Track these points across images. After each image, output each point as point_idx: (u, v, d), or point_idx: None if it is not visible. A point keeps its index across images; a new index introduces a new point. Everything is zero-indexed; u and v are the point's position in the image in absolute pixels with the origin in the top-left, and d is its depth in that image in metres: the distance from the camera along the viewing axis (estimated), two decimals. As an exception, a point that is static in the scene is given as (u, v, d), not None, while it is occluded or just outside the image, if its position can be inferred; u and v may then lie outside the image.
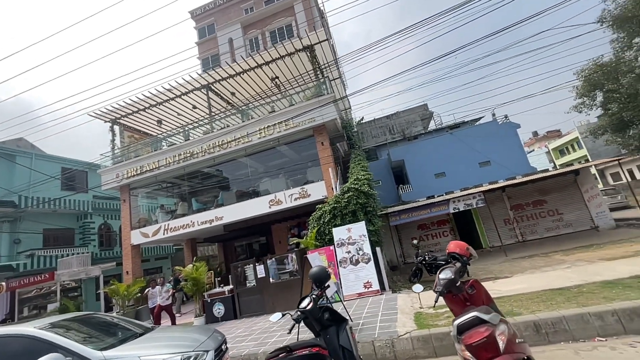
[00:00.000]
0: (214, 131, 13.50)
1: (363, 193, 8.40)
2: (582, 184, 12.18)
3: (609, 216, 11.71)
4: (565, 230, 12.09)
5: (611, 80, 19.19)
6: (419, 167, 20.30)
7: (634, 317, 3.33)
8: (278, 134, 12.29)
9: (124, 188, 14.05)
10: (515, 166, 18.12)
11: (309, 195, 11.75)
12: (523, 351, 2.05)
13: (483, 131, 19.59)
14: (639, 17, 17.07)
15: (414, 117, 29.05)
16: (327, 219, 8.31)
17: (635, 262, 5.29)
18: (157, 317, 7.20)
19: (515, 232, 12.63)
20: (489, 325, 2.09)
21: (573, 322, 3.47)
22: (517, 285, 5.28)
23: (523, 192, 12.75)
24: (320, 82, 12.74)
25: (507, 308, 4.25)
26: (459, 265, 3.06)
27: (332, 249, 7.55)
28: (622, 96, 18.42)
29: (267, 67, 13.78)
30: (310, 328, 3.24)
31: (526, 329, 3.59)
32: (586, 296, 4.06)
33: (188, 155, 13.19)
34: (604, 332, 3.37)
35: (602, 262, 6.27)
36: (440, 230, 13.56)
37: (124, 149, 14.66)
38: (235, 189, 14.00)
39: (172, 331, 4.31)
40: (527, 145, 56.19)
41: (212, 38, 25.35)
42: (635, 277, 4.43)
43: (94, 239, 16.34)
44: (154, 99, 14.19)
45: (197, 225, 12.83)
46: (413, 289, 3.28)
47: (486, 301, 3.03)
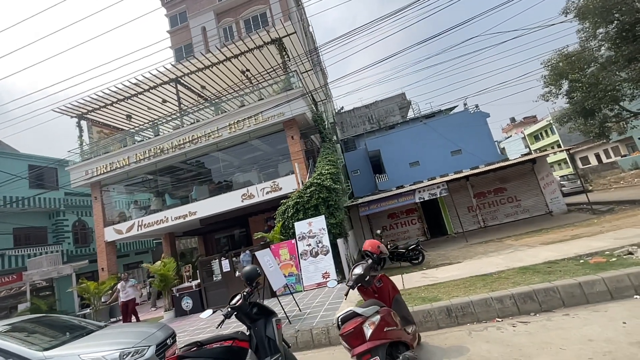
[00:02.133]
0: (184, 126, 13.41)
1: (325, 188, 8.71)
2: (538, 171, 12.92)
3: (561, 201, 12.54)
4: (522, 216, 12.89)
5: (575, 70, 19.94)
6: (394, 156, 20.80)
7: (527, 300, 3.82)
8: (248, 129, 12.36)
9: (94, 185, 13.88)
10: (485, 154, 18.88)
11: (280, 189, 11.98)
12: (389, 337, 2.43)
13: (455, 121, 20.16)
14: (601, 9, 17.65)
15: (393, 106, 29.41)
16: (290, 213, 8.63)
17: (559, 248, 5.87)
18: (124, 313, 7.42)
19: (477, 218, 13.36)
20: (361, 318, 2.45)
21: (478, 306, 3.95)
22: (454, 272, 5.79)
23: (485, 180, 13.41)
24: (289, 75, 12.77)
25: (434, 294, 4.72)
26: (370, 262, 3.44)
27: (293, 243, 7.92)
28: (584, 85, 19.22)
29: (237, 60, 13.66)
30: (241, 321, 3.59)
31: (440, 313, 4.05)
32: (500, 281, 4.57)
33: (158, 151, 13.11)
34: (502, 313, 3.86)
35: (538, 247, 6.87)
36: (409, 219, 14.16)
37: (93, 146, 14.38)
38: (209, 183, 14.08)
39: (121, 328, 4.58)
40: (505, 131, 57.81)
41: (184, 27, 24.55)
42: (547, 263, 4.98)
43: (68, 237, 16.15)
44: (122, 93, 13.87)
45: (171, 221, 12.91)
46: (327, 285, 3.64)
47: (392, 292, 3.45)
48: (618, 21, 17.82)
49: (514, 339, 3.08)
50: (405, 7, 7.81)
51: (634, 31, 17.22)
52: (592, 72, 19.44)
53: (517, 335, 3.16)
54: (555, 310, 3.64)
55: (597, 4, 17.77)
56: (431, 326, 4.02)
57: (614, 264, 4.22)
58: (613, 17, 17.78)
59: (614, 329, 2.79)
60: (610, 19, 18.29)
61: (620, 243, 5.04)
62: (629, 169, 28.45)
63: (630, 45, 17.79)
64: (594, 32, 19.53)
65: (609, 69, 18.98)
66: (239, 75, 14.79)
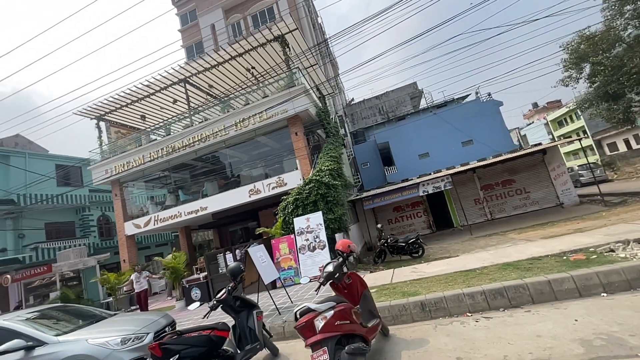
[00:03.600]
0: (193, 125, 13.97)
1: (324, 184, 8.97)
2: (549, 162, 12.52)
3: (573, 193, 12.14)
4: (531, 208, 12.61)
5: (597, 52, 18.83)
6: (403, 148, 20.63)
7: (497, 296, 3.96)
8: (253, 126, 12.72)
9: (114, 183, 14.82)
10: (498, 144, 18.37)
11: (285, 184, 12.31)
12: (340, 330, 2.69)
13: (466, 110, 19.65)
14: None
15: (404, 96, 28.88)
16: (290, 209, 8.97)
17: (548, 244, 5.85)
18: (139, 302, 8.13)
19: (485, 211, 13.19)
20: (314, 312, 2.73)
21: (451, 301, 4.13)
22: (441, 267, 5.93)
23: (493, 172, 13.16)
24: (292, 72, 12.93)
25: (415, 289, 4.92)
26: (340, 260, 3.70)
27: (292, 237, 8.28)
28: (607, 68, 18.14)
29: (242, 59, 13.96)
30: (227, 313, 3.99)
31: (415, 307, 4.27)
32: (479, 277, 4.70)
33: (170, 150, 13.77)
34: (473, 309, 4.02)
35: (530, 242, 6.86)
36: (415, 212, 14.18)
37: (111, 145, 15.28)
38: (218, 179, 14.66)
39: (127, 316, 5.12)
40: (527, 117, 55.25)
41: (194, 25, 25.07)
42: (530, 259, 5.03)
43: (93, 231, 17.43)
44: (136, 95, 14.58)
45: (184, 216, 13.64)
46: (301, 282, 3.93)
47: (360, 289, 3.70)
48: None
49: (472, 333, 3.27)
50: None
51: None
52: (617, 53, 18.28)
53: (477, 329, 3.34)
54: (523, 306, 3.77)
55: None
56: (406, 319, 4.25)
57: (592, 261, 4.25)
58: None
59: (563, 326, 2.92)
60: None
61: (609, 239, 5.00)
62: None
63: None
64: (621, 9, 18.29)
65: (636, 49, 17.77)
66: (244, 73, 15.11)
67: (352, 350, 2.56)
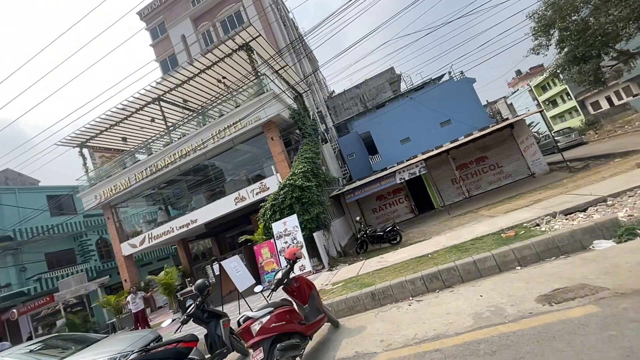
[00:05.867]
0: (173, 142, 14.32)
1: (297, 187, 9.42)
2: (517, 135, 12.96)
3: (543, 162, 12.62)
4: (505, 182, 13.11)
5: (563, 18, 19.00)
6: (384, 136, 21.01)
7: (433, 280, 4.47)
8: (230, 136, 13.07)
9: (105, 207, 15.26)
10: (475, 120, 18.76)
11: (268, 189, 12.76)
12: (276, 331, 3.19)
13: (441, 91, 19.95)
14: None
15: (383, 82, 29.04)
16: (269, 215, 9.46)
17: (494, 222, 6.31)
18: (136, 322, 8.67)
19: (462, 189, 13.69)
20: (252, 319, 3.24)
21: (396, 288, 4.64)
22: (402, 255, 6.44)
23: (466, 151, 13.61)
24: (261, 79, 13.21)
25: (373, 279, 5.44)
26: (288, 268, 4.19)
27: (272, 242, 8.79)
28: (573, 33, 18.35)
29: (213, 70, 14.21)
30: (198, 324, 4.52)
31: (366, 297, 4.78)
32: (427, 262, 5.21)
33: (154, 169, 14.16)
34: (415, 293, 4.53)
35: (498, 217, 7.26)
36: (397, 198, 14.68)
37: (97, 170, 15.66)
38: (205, 191, 15.10)
39: (117, 337, 5.65)
40: (511, 86, 55.33)
41: (165, 38, 25.07)
42: (474, 239, 5.52)
43: (93, 255, 17.98)
44: (113, 118, 14.89)
45: (176, 230, 14.13)
46: (255, 290, 4.44)
47: (307, 290, 4.20)
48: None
49: (401, 317, 3.79)
50: None
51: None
52: (580, 17, 18.46)
53: (406, 313, 3.86)
54: (453, 286, 4.28)
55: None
56: (360, 309, 4.77)
57: (519, 237, 4.75)
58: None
59: (470, 302, 3.43)
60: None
61: (541, 213, 5.49)
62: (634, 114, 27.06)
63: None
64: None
65: (602, 9, 17.96)
66: (216, 85, 15.38)
67: (283, 347, 3.06)
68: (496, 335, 2.56)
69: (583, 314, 2.40)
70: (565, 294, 2.84)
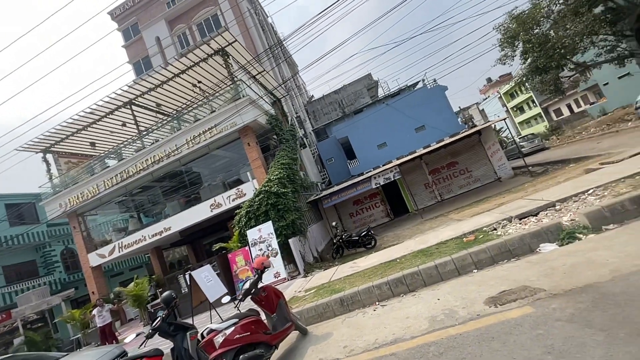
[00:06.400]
0: (145, 147, 13.89)
1: (273, 194, 9.43)
2: (485, 142, 13.66)
3: (508, 167, 13.37)
4: (474, 185, 13.76)
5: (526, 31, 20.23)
6: (362, 141, 21.42)
7: (398, 284, 4.65)
8: (205, 142, 12.87)
9: (71, 215, 14.50)
10: (447, 126, 19.57)
11: (244, 195, 12.64)
12: (239, 342, 3.22)
13: (416, 98, 20.65)
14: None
15: (361, 88, 29.62)
16: (244, 222, 9.39)
17: (459, 227, 6.65)
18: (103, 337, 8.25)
19: (434, 193, 14.22)
20: (216, 332, 3.25)
21: (364, 294, 4.79)
22: (373, 260, 6.62)
23: (438, 156, 14.16)
24: (237, 84, 13.13)
25: (342, 286, 5.55)
26: (256, 277, 4.21)
27: (247, 249, 8.74)
28: (535, 45, 19.61)
29: (187, 75, 13.96)
30: (165, 338, 4.43)
31: (335, 304, 4.89)
32: (395, 267, 5.40)
33: (125, 175, 13.65)
34: (381, 297, 4.69)
35: (464, 220, 7.64)
36: (373, 203, 15.00)
37: (62, 177, 14.87)
38: (179, 198, 14.73)
39: (84, 352, 5.41)
40: (483, 93, 58.03)
41: (138, 39, 24.32)
42: (439, 244, 5.79)
43: (58, 266, 16.96)
44: (81, 123, 14.25)
45: (148, 239, 13.66)
46: (222, 301, 4.44)
47: (275, 299, 4.25)
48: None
49: (365, 322, 3.92)
50: None
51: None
52: (541, 30, 19.77)
53: (370, 318, 4.00)
54: (417, 290, 4.47)
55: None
56: (329, 315, 4.86)
57: (478, 241, 5.04)
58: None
59: (427, 306, 3.61)
60: (555, -28, 18.40)
61: (499, 217, 5.85)
62: (597, 115, 29.24)
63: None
64: (542, -13, 19.66)
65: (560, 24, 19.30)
66: (191, 89, 15.11)
67: (247, 357, 3.09)
68: (445, 337, 2.73)
69: (520, 314, 2.62)
70: (509, 296, 3.07)
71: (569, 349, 1.98)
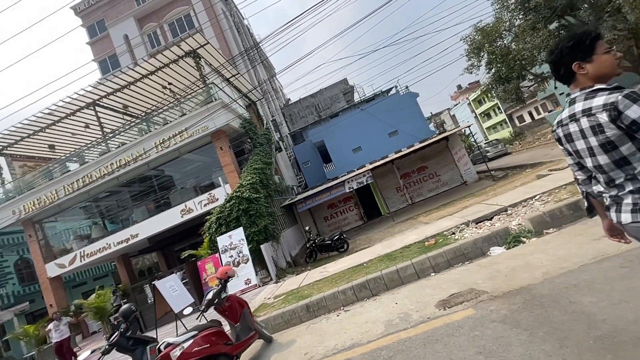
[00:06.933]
0: (110, 150, 13.26)
1: (245, 199, 9.35)
2: (452, 147, 14.35)
3: (473, 171, 14.12)
4: (443, 189, 14.39)
5: (490, 43, 21.46)
6: (337, 145, 21.69)
7: (362, 289, 4.81)
8: (175, 146, 12.50)
9: (26, 223, 13.52)
10: (419, 132, 20.27)
11: (217, 200, 12.38)
12: (198, 355, 3.21)
13: (389, 103, 21.25)
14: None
15: (337, 93, 30.01)
16: (214, 228, 9.23)
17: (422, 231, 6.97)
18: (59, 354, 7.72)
19: (406, 197, 14.71)
20: (173, 345, 3.22)
21: (329, 299, 4.89)
22: (342, 265, 6.76)
23: (409, 161, 14.67)
24: (209, 87, 12.89)
25: (310, 292, 5.63)
26: (219, 287, 4.19)
27: (217, 257, 8.59)
28: (498, 56, 20.86)
29: (157, 76, 13.50)
30: (123, 353, 4.27)
31: (302, 310, 4.95)
32: (360, 272, 5.56)
33: (88, 180, 12.95)
34: (346, 302, 4.82)
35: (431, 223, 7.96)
36: (347, 206, 15.25)
37: (16, 182, 13.84)
38: (147, 203, 14.17)
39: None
40: (454, 99, 60.75)
41: (104, 36, 23.19)
42: (403, 248, 6.05)
43: (11, 278, 15.67)
44: (38, 124, 13.36)
45: (114, 247, 13.00)
46: (184, 312, 4.38)
47: (239, 308, 4.25)
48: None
49: (328, 328, 4.02)
50: None
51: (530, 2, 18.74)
52: (504, 43, 21.10)
53: (333, 324, 4.10)
54: (379, 294, 4.64)
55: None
56: (296, 322, 4.91)
57: (438, 245, 5.31)
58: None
59: (386, 310, 3.78)
60: (514, -11, 19.65)
61: (460, 222, 6.20)
62: (554, 122, 31.62)
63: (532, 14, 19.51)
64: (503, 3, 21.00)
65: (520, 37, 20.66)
66: (161, 91, 14.64)
67: (204, 370, 3.08)
68: (396, 341, 2.88)
69: (463, 317, 2.82)
70: (457, 299, 3.29)
71: (497, 348, 2.18)
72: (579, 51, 1.40)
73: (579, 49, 1.40)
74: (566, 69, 1.44)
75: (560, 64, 1.46)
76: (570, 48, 1.42)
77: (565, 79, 1.48)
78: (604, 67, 1.37)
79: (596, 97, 1.33)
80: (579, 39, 1.42)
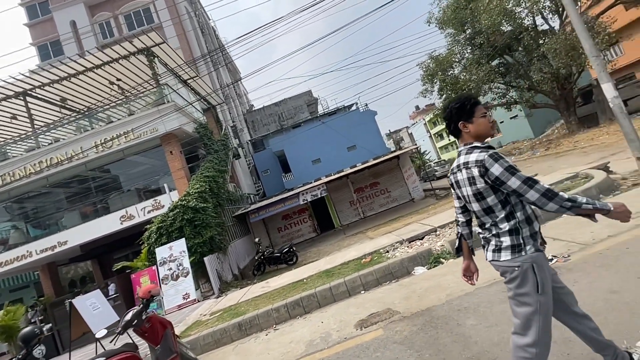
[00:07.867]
0: (40, 147, 11.95)
1: (190, 208, 8.97)
2: (402, 165, 15.26)
3: (420, 189, 15.12)
4: (392, 204, 15.17)
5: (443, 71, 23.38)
6: (297, 155, 21.84)
7: (295, 307, 4.88)
8: (119, 147, 11.68)
9: None
10: (376, 148, 21.21)
11: (162, 207, 11.69)
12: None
13: (349, 119, 22.02)
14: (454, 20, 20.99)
15: (301, 104, 30.35)
16: (154, 238, 8.69)
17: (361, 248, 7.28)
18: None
19: (358, 210, 15.23)
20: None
21: (262, 317, 4.87)
22: (283, 280, 6.77)
23: (362, 177, 15.28)
24: (162, 88, 12.32)
25: (246, 309, 5.54)
26: (140, 307, 3.96)
27: (154, 269, 8.08)
28: (448, 84, 22.80)
29: (104, 70, 12.56)
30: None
31: (233, 328, 4.85)
32: (298, 288, 5.63)
33: (9, 179, 11.49)
34: (279, 320, 4.84)
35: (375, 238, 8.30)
36: (301, 218, 15.35)
37: None
38: (81, 207, 12.92)
39: None
40: (412, 118, 64.74)
41: (47, 19, 21.08)
42: (342, 264, 6.26)
43: None
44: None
45: (35, 255, 11.61)
46: (97, 335, 4.09)
47: (161, 329, 4.04)
48: (468, 30, 21.42)
49: (254, 348, 4.00)
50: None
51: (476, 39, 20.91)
52: (454, 73, 23.17)
53: (260, 343, 4.10)
54: (311, 312, 4.73)
55: (450, 17, 21.04)
56: (226, 341, 4.79)
57: (373, 262, 5.59)
58: (465, 26, 21.31)
59: (310, 330, 3.88)
60: (463, 28, 21.81)
61: (396, 240, 6.60)
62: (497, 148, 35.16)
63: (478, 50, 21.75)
64: (454, 38, 23.12)
65: (468, 69, 22.83)
66: (108, 87, 13.63)
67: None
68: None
69: (372, 337, 3.02)
70: (374, 318, 3.50)
71: (390, 370, 2.37)
72: (463, 112, 1.64)
73: (463, 110, 1.65)
74: (455, 126, 1.69)
75: (451, 122, 1.71)
76: (457, 109, 1.67)
77: (455, 134, 1.73)
78: (480, 128, 1.63)
79: (473, 153, 1.58)
80: (462, 102, 1.67)
